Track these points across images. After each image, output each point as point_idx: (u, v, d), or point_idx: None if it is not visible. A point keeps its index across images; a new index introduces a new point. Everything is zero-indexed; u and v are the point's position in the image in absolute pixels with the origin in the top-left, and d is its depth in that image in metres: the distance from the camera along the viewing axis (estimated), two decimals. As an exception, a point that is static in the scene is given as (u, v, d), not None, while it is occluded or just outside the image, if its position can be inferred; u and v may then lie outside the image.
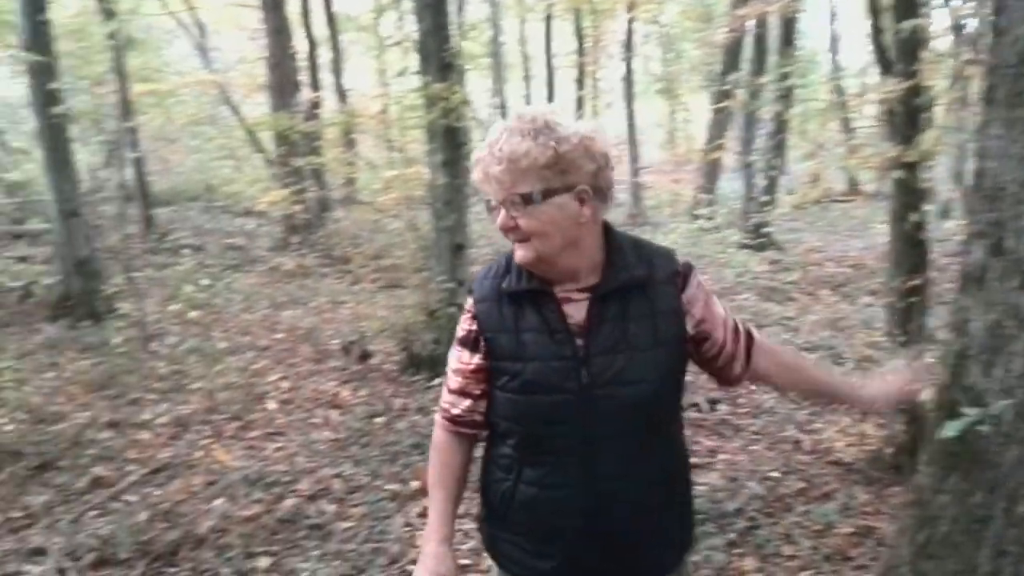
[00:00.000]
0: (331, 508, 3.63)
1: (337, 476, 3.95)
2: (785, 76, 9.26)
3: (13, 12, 9.49)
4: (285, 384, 5.44)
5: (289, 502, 3.68)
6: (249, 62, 15.87)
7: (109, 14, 8.32)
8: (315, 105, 11.09)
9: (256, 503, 3.66)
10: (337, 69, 13.55)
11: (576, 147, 1.42)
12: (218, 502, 3.66)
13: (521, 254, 1.48)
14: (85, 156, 9.78)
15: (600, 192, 1.47)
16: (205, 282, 6.93)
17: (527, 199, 1.42)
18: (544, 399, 1.46)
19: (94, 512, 3.61)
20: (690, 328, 1.53)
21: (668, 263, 1.53)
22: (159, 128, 12.03)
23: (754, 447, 4.09)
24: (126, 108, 8.87)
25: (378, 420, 4.70)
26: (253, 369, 5.69)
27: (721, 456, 4.00)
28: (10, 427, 4.46)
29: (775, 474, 3.73)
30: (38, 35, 6.14)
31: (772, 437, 4.20)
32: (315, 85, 11.77)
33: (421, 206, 6.74)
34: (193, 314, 6.14)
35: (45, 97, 6.14)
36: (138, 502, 3.69)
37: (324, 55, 13.60)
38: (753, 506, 3.42)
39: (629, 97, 14.70)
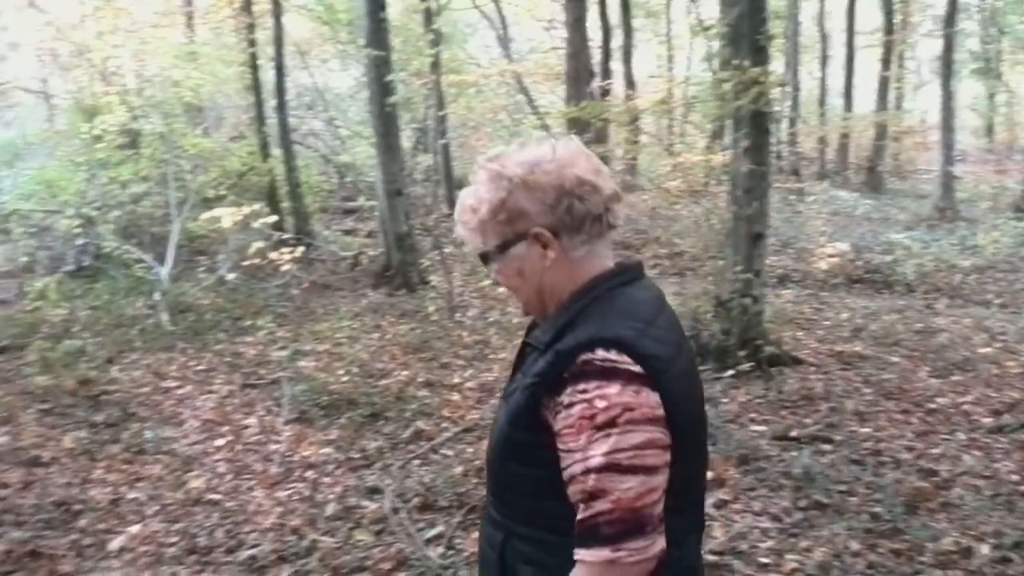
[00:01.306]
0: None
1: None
2: None
3: (350, 11, 10.81)
4: (576, 362, 5.65)
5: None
6: (542, 52, 16.61)
7: (430, 12, 9.13)
8: (605, 93, 11.32)
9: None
10: (627, 56, 13.70)
11: (514, 189, 1.25)
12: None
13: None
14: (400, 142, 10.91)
15: (571, 228, 1.26)
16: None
17: (486, 258, 1.32)
18: None
19: (418, 461, 4.03)
20: (535, 433, 1.23)
21: (574, 351, 1.18)
22: (464, 116, 13.02)
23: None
24: (439, 98, 9.70)
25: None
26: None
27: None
28: (346, 378, 5.13)
29: None
30: (378, 32, 6.93)
31: None
32: (606, 73, 12.02)
33: (711, 193, 6.63)
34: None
35: (381, 88, 6.92)
36: (453, 457, 4.06)
37: (615, 42, 13.80)
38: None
39: (946, 77, 13.19)
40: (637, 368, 1.16)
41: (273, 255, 6.22)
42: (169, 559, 3.19)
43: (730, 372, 4.93)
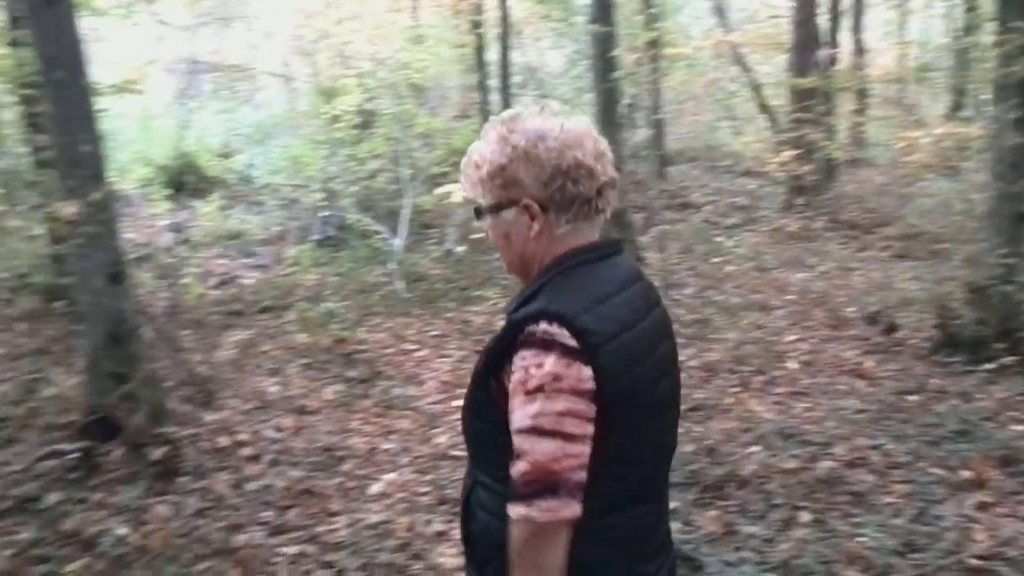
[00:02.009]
0: (870, 479, 3.55)
1: (874, 448, 3.84)
2: None
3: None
4: (804, 346, 5.42)
5: (825, 464, 3.69)
6: (759, 21, 15.84)
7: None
8: (832, 62, 10.63)
9: (792, 457, 3.75)
10: (857, 22, 12.75)
11: (516, 158, 1.33)
12: (755, 449, 3.85)
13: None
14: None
15: (560, 206, 1.34)
16: (721, 239, 7.22)
17: (479, 212, 1.41)
18: None
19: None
20: (493, 391, 1.32)
21: (523, 322, 1.27)
22: (677, 90, 12.78)
23: None
24: (655, 72, 9.58)
25: (911, 398, 4.43)
26: (770, 327, 5.79)
27: None
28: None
29: None
30: (603, 7, 6.95)
31: None
32: (834, 41, 11.26)
33: (963, 169, 6.07)
34: (729, 269, 6.44)
35: (605, 64, 6.96)
36: (683, 434, 4.06)
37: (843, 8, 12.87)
38: None
39: None
40: (572, 342, 1.23)
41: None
42: (423, 507, 3.47)
43: (987, 366, 4.53)
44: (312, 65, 12.48)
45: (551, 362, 1.23)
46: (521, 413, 1.24)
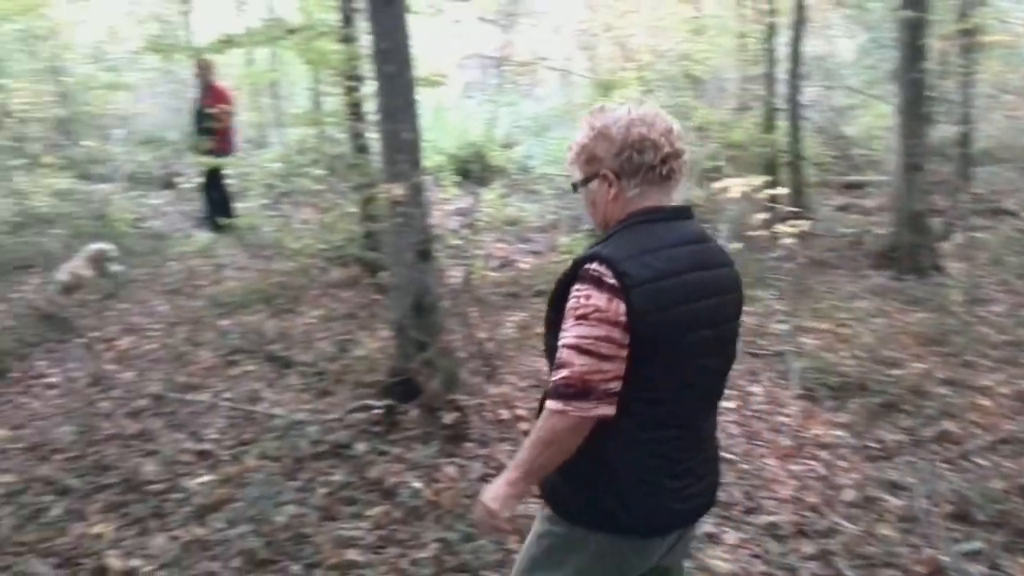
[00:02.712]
0: None
1: None
2: None
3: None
4: None
5: None
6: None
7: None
8: None
9: None
10: None
11: (595, 137, 1.70)
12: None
13: None
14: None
15: (628, 173, 1.67)
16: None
17: (575, 186, 1.77)
18: None
19: (946, 465, 3.69)
20: (559, 314, 1.64)
21: (583, 261, 1.61)
22: (990, 83, 11.31)
23: None
24: (968, 63, 8.56)
25: None
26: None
27: None
28: (852, 362, 4.91)
29: None
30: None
31: None
32: None
33: None
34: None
35: (912, 52, 6.35)
36: (991, 468, 3.63)
37: None
38: None
39: None
40: (613, 281, 1.56)
41: (778, 227, 6.18)
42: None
43: None
44: (592, 59, 12.75)
45: (596, 295, 1.56)
46: (569, 332, 1.58)
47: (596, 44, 11.94)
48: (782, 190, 7.14)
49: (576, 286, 1.59)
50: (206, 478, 3.60)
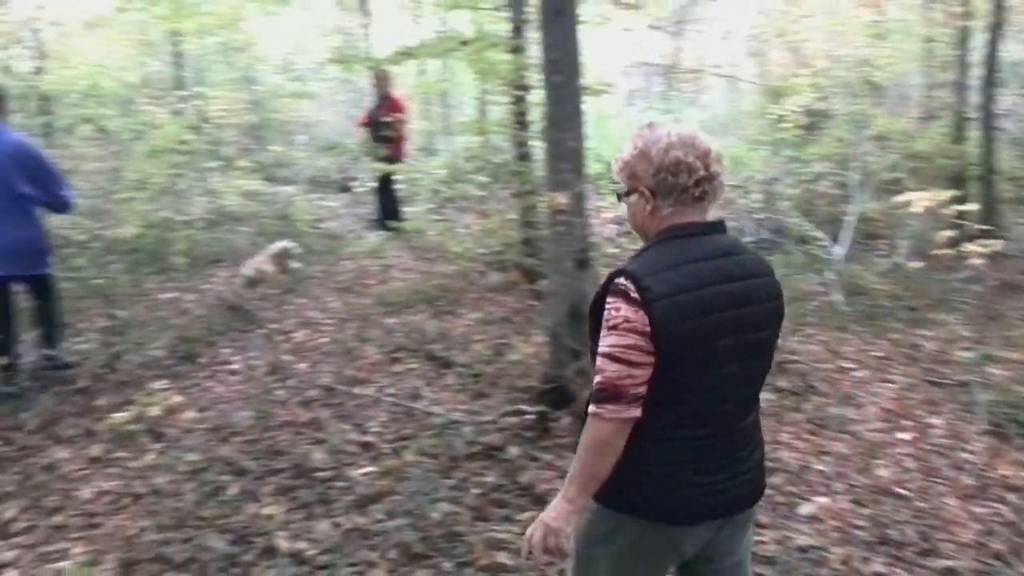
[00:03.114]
0: None
1: None
2: None
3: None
4: None
5: None
6: None
7: None
8: None
9: None
10: None
11: (636, 156, 1.82)
12: None
13: None
14: None
15: (663, 193, 1.79)
16: None
17: (619, 196, 1.90)
18: None
19: None
20: (597, 323, 1.79)
21: (614, 275, 1.76)
22: None
23: None
24: None
25: None
26: None
27: None
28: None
29: None
30: None
31: None
32: None
33: None
34: None
35: None
36: None
37: None
38: None
39: None
40: (636, 295, 1.69)
41: (966, 246, 5.70)
42: (860, 542, 3.23)
43: None
44: (761, 65, 12.32)
45: (624, 307, 1.70)
46: (604, 341, 1.72)
47: (767, 50, 11.51)
48: (971, 206, 6.59)
49: (608, 299, 1.74)
50: (368, 469, 3.78)
